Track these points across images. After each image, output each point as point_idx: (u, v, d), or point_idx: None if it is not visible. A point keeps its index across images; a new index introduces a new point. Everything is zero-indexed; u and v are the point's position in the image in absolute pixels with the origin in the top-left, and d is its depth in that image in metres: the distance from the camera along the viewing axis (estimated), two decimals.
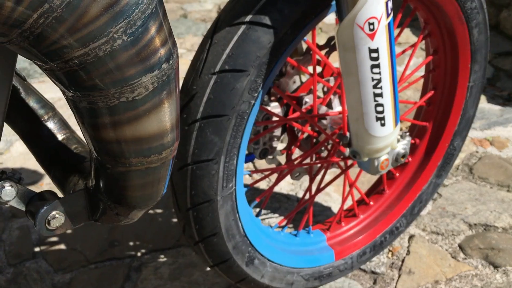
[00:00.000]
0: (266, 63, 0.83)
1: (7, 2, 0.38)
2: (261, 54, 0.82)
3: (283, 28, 0.82)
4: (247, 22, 0.81)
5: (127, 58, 0.44)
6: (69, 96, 0.47)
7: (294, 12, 0.82)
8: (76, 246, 1.30)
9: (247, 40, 0.81)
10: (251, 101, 0.85)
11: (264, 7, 0.81)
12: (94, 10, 0.40)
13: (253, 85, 0.83)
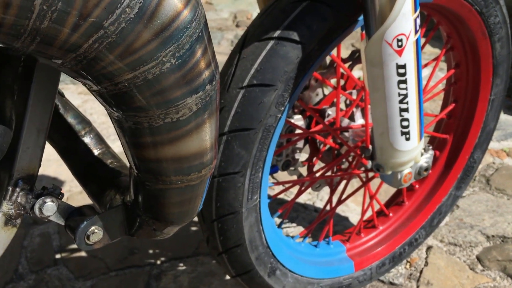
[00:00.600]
0: (294, 77, 0.83)
1: (65, 28, 0.39)
2: (289, 69, 0.82)
3: (311, 43, 0.82)
4: (275, 37, 0.82)
5: (174, 81, 0.44)
6: (115, 116, 0.48)
7: (322, 28, 0.82)
8: (96, 253, 1.30)
9: (275, 55, 0.82)
10: (277, 115, 0.85)
11: (293, 22, 0.82)
12: (146, 35, 0.41)
13: (280, 99, 0.84)
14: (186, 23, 0.43)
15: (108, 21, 0.39)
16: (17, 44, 0.39)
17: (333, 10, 0.82)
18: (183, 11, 0.42)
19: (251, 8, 2.86)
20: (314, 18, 0.82)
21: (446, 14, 0.99)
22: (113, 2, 0.39)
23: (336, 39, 0.85)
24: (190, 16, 0.43)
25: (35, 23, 0.38)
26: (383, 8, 0.76)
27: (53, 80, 0.52)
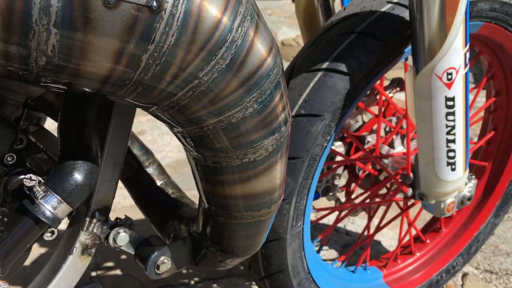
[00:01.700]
0: (341, 108, 0.86)
1: (164, 80, 0.42)
2: (337, 100, 0.85)
3: (358, 75, 0.85)
4: (324, 68, 0.85)
5: (255, 124, 0.47)
6: (194, 155, 0.51)
7: (369, 60, 0.85)
8: (131, 271, 1.33)
9: (323, 86, 0.85)
10: (323, 144, 0.88)
11: (341, 54, 0.85)
12: (234, 83, 0.44)
13: (327, 129, 0.87)
14: (268, 70, 0.46)
15: (203, 72, 0.43)
16: (119, 93, 0.43)
17: (381, 42, 0.85)
18: (267, 58, 0.46)
19: (275, 27, 2.91)
20: (362, 50, 0.85)
21: (488, 43, 1.01)
22: (209, 54, 0.42)
23: (382, 70, 0.88)
24: (272, 63, 0.46)
25: (139, 75, 0.41)
26: (433, 42, 0.79)
27: (129, 117, 0.56)
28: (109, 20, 0.37)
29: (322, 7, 1.00)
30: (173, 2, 0.39)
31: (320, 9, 1.01)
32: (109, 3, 0.37)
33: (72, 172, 0.47)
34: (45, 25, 0.36)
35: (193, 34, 0.40)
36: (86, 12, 0.37)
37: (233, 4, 0.42)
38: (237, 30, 0.42)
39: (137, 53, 0.39)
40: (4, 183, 0.49)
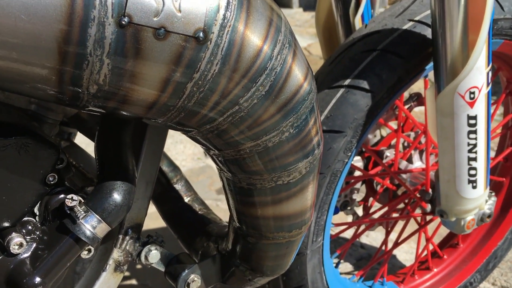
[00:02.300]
0: (362, 124, 0.88)
1: (206, 106, 0.44)
2: (358, 117, 0.87)
3: (380, 92, 0.87)
4: (346, 85, 0.87)
5: (290, 148, 0.49)
6: (228, 176, 0.53)
7: (391, 77, 0.87)
8: (146, 281, 1.35)
9: (345, 102, 0.87)
10: (345, 160, 0.89)
11: (363, 71, 0.87)
12: (272, 109, 0.46)
13: (348, 145, 0.88)
14: (305, 95, 0.48)
15: (243, 98, 0.44)
16: (162, 118, 0.45)
17: (402, 60, 0.87)
18: (303, 84, 0.47)
19: None
20: (384, 67, 0.87)
21: (508, 60, 1.03)
22: (250, 82, 0.44)
23: (403, 87, 0.90)
24: (308, 88, 0.48)
25: (183, 102, 0.43)
26: (456, 60, 0.81)
27: (162, 137, 0.57)
28: (159, 51, 0.39)
29: (342, 23, 1.02)
30: (218, 32, 0.41)
31: (340, 24, 1.03)
32: (159, 34, 0.39)
33: (112, 193, 0.49)
34: (99, 56, 0.38)
35: (235, 62, 0.42)
36: (137, 43, 0.38)
37: (273, 32, 0.44)
38: (276, 58, 0.44)
39: (182, 81, 0.41)
40: (45, 202, 0.51)
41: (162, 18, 0.38)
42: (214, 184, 1.82)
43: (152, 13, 0.38)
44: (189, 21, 0.39)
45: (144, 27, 0.38)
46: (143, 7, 0.38)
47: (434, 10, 0.81)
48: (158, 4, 0.38)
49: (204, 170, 1.92)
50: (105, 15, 0.37)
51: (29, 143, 0.47)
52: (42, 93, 0.41)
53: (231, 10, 0.41)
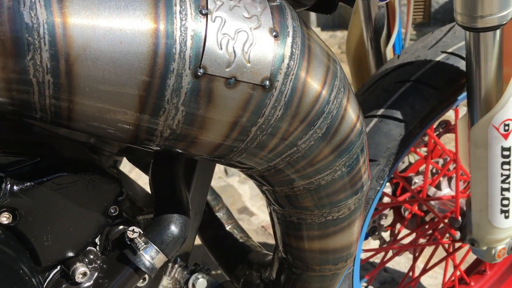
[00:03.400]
0: (395, 153, 0.90)
1: (267, 148, 0.47)
2: (391, 146, 0.90)
3: (413, 122, 0.90)
4: (379, 115, 0.90)
5: (342, 185, 0.52)
6: (278, 210, 0.56)
7: (424, 107, 0.90)
8: None
9: (378, 132, 0.90)
10: (377, 188, 0.92)
11: (397, 102, 0.90)
12: (328, 150, 0.49)
13: (381, 173, 0.91)
14: (357, 136, 0.51)
15: (301, 140, 0.48)
16: (224, 158, 0.48)
17: (435, 91, 0.90)
18: (356, 125, 0.51)
19: None
20: (417, 98, 0.90)
21: None
22: (308, 125, 0.47)
23: (436, 117, 0.92)
24: (360, 129, 0.51)
25: (246, 144, 0.46)
26: (490, 93, 0.83)
27: (210, 170, 0.61)
28: (229, 98, 0.43)
29: (373, 52, 1.05)
30: (283, 80, 0.44)
31: (371, 53, 1.06)
32: (230, 83, 0.42)
33: (169, 225, 0.52)
34: (175, 104, 0.41)
35: (297, 108, 0.45)
36: (210, 92, 0.42)
37: (331, 77, 0.47)
38: (333, 102, 0.47)
39: (248, 126, 0.45)
40: (106, 232, 0.54)
41: (233, 69, 0.42)
42: (235, 203, 1.85)
43: (224, 64, 0.42)
44: (257, 71, 0.43)
45: (217, 77, 0.42)
46: (217, 59, 0.41)
47: (469, 44, 0.84)
48: (230, 56, 0.42)
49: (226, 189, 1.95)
50: (183, 67, 0.40)
51: (96, 178, 0.50)
52: (119, 135, 0.44)
53: (294, 59, 0.44)
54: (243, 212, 1.80)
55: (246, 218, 1.76)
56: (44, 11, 0.38)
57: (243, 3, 0.43)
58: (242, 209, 1.82)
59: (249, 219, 1.75)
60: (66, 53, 0.38)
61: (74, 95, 0.40)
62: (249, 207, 1.83)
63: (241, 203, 1.85)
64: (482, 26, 0.78)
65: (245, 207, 1.83)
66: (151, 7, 0.40)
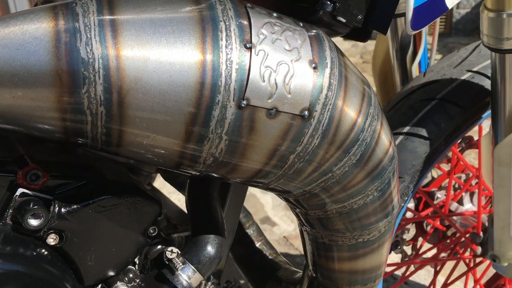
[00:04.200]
0: (419, 170, 0.91)
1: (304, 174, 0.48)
2: (416, 163, 0.90)
3: (438, 139, 0.90)
4: (405, 132, 0.90)
5: (373, 209, 0.53)
6: (310, 231, 0.57)
7: (449, 125, 0.90)
8: None
9: (404, 149, 0.90)
10: (401, 204, 0.92)
11: (422, 119, 0.90)
12: (361, 175, 0.50)
13: (405, 190, 0.91)
14: (389, 161, 0.52)
15: (336, 167, 0.48)
16: (262, 183, 0.49)
17: (461, 109, 0.90)
18: (388, 150, 0.51)
19: None
20: (442, 116, 0.90)
21: None
22: (344, 152, 0.48)
23: (460, 134, 0.92)
24: (392, 154, 0.52)
25: (284, 171, 0.47)
26: None
27: (243, 190, 0.62)
28: (269, 127, 0.44)
29: (399, 69, 1.06)
30: (321, 110, 0.45)
31: (396, 70, 1.06)
32: (271, 114, 0.43)
33: (206, 246, 0.53)
34: (219, 134, 0.43)
35: (333, 136, 0.46)
36: (252, 122, 0.43)
37: (366, 106, 0.48)
38: (367, 130, 0.48)
39: (286, 153, 0.46)
40: (145, 252, 0.55)
41: (275, 100, 0.43)
42: (257, 213, 1.86)
43: (266, 96, 0.43)
44: (297, 102, 0.44)
45: (259, 108, 0.43)
46: (260, 91, 0.42)
47: (494, 64, 0.84)
48: (272, 88, 0.43)
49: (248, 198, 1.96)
50: (228, 99, 0.42)
51: (138, 200, 0.52)
52: (164, 162, 0.45)
53: (332, 90, 0.45)
54: (265, 222, 1.81)
55: (268, 228, 1.76)
56: (99, 46, 0.39)
57: (284, 36, 0.44)
58: (264, 219, 1.83)
59: (271, 229, 1.76)
60: (119, 86, 0.39)
61: (124, 125, 0.41)
62: (271, 217, 1.83)
63: (263, 213, 1.85)
64: (508, 47, 0.79)
65: (267, 217, 1.83)
66: (198, 42, 0.41)
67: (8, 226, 0.47)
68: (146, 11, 0.41)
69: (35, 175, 0.47)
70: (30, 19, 0.39)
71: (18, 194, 0.47)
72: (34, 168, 0.47)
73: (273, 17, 0.45)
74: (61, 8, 0.40)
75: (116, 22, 0.40)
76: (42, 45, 0.39)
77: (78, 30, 0.39)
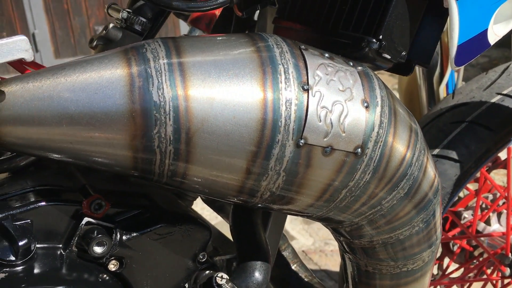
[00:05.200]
0: (449, 193, 0.93)
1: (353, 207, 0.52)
2: (447, 185, 0.93)
3: (468, 162, 0.93)
4: (435, 155, 0.93)
5: (418, 240, 0.56)
6: (353, 259, 0.60)
7: (479, 148, 0.93)
8: None
9: None
10: None
11: (452, 142, 0.93)
12: (408, 208, 0.53)
13: None
14: (434, 193, 0.55)
15: (385, 200, 0.52)
16: (312, 215, 0.53)
17: (491, 132, 0.93)
18: (434, 183, 0.55)
19: None
20: (472, 139, 0.93)
21: None
22: (393, 187, 0.51)
23: (490, 157, 0.95)
24: (437, 186, 0.55)
25: (335, 204, 0.51)
26: None
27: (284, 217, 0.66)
28: (324, 164, 0.47)
29: (426, 89, 1.09)
30: (373, 147, 0.48)
31: (423, 89, 1.09)
32: (326, 151, 0.47)
33: (254, 272, 0.57)
34: (277, 170, 0.46)
35: (384, 171, 0.50)
36: (308, 159, 0.47)
37: (413, 141, 0.51)
38: (415, 164, 0.52)
39: (339, 188, 0.49)
40: (194, 277, 0.59)
41: (330, 138, 0.47)
42: None
43: (322, 135, 0.46)
44: (350, 140, 0.47)
45: (315, 146, 0.46)
46: (316, 130, 0.46)
47: None
48: (327, 127, 0.46)
49: None
50: (287, 138, 0.45)
51: (191, 228, 0.55)
52: (222, 195, 0.49)
53: (383, 127, 0.49)
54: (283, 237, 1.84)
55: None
56: (170, 90, 0.43)
57: (338, 77, 0.48)
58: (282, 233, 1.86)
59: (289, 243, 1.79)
60: (187, 127, 0.43)
61: (190, 162, 0.45)
62: (289, 231, 1.86)
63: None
64: None
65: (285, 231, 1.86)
66: (260, 84, 0.45)
67: (74, 253, 0.50)
68: (210, 54, 0.45)
69: (99, 205, 0.51)
70: (105, 64, 0.43)
71: (83, 223, 0.50)
72: (97, 198, 0.51)
73: (325, 58, 0.49)
74: (132, 54, 0.44)
75: (184, 66, 0.44)
76: (118, 90, 0.42)
77: (150, 75, 0.43)
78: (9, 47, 0.39)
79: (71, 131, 0.42)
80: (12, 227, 0.46)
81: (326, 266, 1.69)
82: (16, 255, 0.46)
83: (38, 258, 0.48)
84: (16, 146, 0.44)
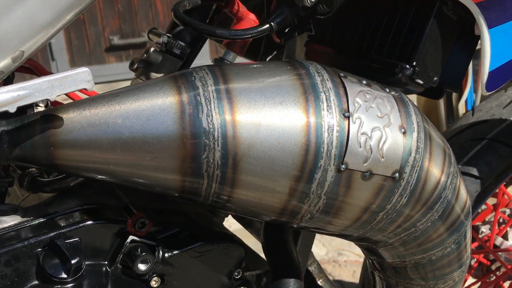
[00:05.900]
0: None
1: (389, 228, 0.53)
2: None
3: (488, 179, 0.95)
4: None
5: (449, 260, 0.58)
6: (384, 277, 0.62)
7: (500, 165, 0.95)
8: None
9: None
10: None
11: (473, 159, 0.95)
12: (441, 229, 0.55)
13: None
14: (466, 215, 0.57)
15: (420, 222, 0.54)
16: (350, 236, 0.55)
17: (511, 149, 0.95)
18: (466, 204, 0.57)
19: None
20: (493, 156, 0.94)
21: None
22: (427, 209, 0.53)
23: (510, 173, 0.97)
24: (468, 208, 0.57)
25: (372, 226, 0.53)
26: None
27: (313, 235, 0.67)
28: (363, 188, 0.49)
29: (445, 105, 1.10)
30: (410, 171, 0.50)
31: (442, 106, 1.11)
32: (365, 176, 0.49)
33: None
34: (319, 194, 0.48)
35: (419, 194, 0.52)
36: (348, 183, 0.49)
37: (447, 165, 0.53)
38: (449, 187, 0.54)
39: (376, 211, 0.51)
40: None
41: (369, 164, 0.49)
42: None
43: (362, 160, 0.48)
44: (389, 165, 0.49)
45: (355, 171, 0.48)
46: (357, 156, 0.48)
47: None
48: (367, 153, 0.48)
49: None
50: (329, 163, 0.47)
51: (228, 246, 0.57)
52: (264, 217, 0.51)
53: (419, 152, 0.51)
54: None
55: None
56: (218, 117, 0.45)
57: (376, 104, 0.50)
58: None
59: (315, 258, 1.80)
60: (234, 152, 0.45)
61: (236, 186, 0.47)
62: None
63: None
64: None
65: None
66: (303, 113, 0.47)
67: (119, 269, 0.52)
68: (255, 82, 0.47)
69: (142, 223, 0.53)
70: (156, 92, 0.46)
71: (128, 241, 0.52)
72: (141, 216, 0.53)
73: (363, 85, 0.51)
74: (182, 82, 0.47)
75: (231, 94, 0.46)
76: (169, 117, 0.45)
77: (200, 102, 0.45)
78: (73, 78, 0.41)
79: (124, 156, 0.45)
80: (64, 245, 0.48)
81: (339, 276, 1.70)
82: (68, 272, 0.48)
83: (86, 275, 0.51)
84: (71, 169, 0.46)
